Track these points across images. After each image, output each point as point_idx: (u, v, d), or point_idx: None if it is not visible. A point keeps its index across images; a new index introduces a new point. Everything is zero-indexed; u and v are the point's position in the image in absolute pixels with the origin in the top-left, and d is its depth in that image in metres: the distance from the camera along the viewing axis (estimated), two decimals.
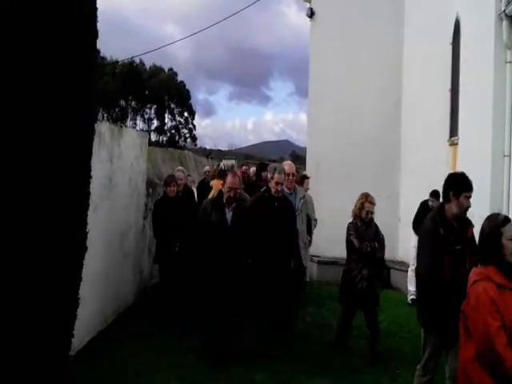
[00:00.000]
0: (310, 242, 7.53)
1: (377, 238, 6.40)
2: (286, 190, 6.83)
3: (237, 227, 6.01)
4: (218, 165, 9.32)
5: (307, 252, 7.41)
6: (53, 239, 3.88)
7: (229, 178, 6.06)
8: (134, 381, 5.51)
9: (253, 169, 10.32)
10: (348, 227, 6.41)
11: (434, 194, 8.71)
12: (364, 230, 6.32)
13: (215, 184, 8.98)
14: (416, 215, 8.94)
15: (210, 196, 8.13)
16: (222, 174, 8.74)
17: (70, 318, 4.26)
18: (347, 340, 6.70)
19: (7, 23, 3.57)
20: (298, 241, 6.59)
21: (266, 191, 6.46)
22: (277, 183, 6.30)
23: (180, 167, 9.27)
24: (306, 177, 8.59)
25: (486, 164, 7.31)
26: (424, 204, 8.87)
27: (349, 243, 6.36)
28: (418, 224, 8.88)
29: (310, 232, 7.39)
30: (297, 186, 7.28)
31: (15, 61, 3.61)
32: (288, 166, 7.05)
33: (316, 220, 7.66)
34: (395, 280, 10.45)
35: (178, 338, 6.54)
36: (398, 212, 11.08)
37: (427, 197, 8.70)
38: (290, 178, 6.96)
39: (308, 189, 8.27)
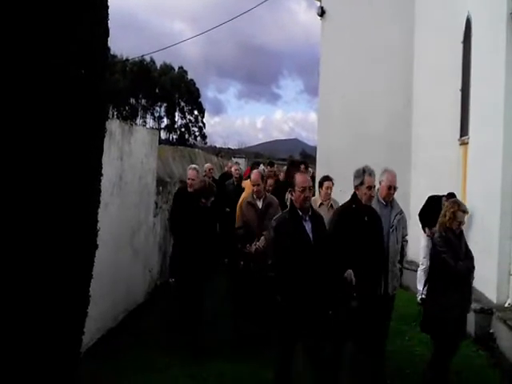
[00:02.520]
0: (401, 271, 6.04)
1: (468, 253, 5.40)
2: (381, 201, 5.81)
3: (320, 243, 4.72)
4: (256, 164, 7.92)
5: (396, 279, 5.86)
6: (63, 237, 3.90)
7: (298, 177, 4.77)
8: (144, 378, 5.56)
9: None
10: (437, 242, 5.37)
11: (450, 196, 8.68)
12: (457, 246, 5.32)
13: (247, 186, 7.77)
14: (425, 208, 8.94)
15: (241, 198, 7.36)
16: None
17: (80, 316, 4.29)
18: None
19: (20, 22, 3.60)
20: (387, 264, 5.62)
21: (353, 202, 5.41)
22: (369, 187, 5.32)
23: (193, 165, 8.47)
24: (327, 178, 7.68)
25: (497, 164, 7.27)
26: (433, 199, 8.81)
27: (440, 261, 5.28)
28: (425, 217, 8.89)
29: (401, 257, 5.96)
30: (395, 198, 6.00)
31: (27, 59, 3.64)
32: (392, 175, 5.81)
33: (407, 241, 6.10)
34: (405, 279, 10.40)
35: (189, 336, 6.52)
36: (408, 211, 11.03)
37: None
38: (392, 191, 5.80)
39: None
